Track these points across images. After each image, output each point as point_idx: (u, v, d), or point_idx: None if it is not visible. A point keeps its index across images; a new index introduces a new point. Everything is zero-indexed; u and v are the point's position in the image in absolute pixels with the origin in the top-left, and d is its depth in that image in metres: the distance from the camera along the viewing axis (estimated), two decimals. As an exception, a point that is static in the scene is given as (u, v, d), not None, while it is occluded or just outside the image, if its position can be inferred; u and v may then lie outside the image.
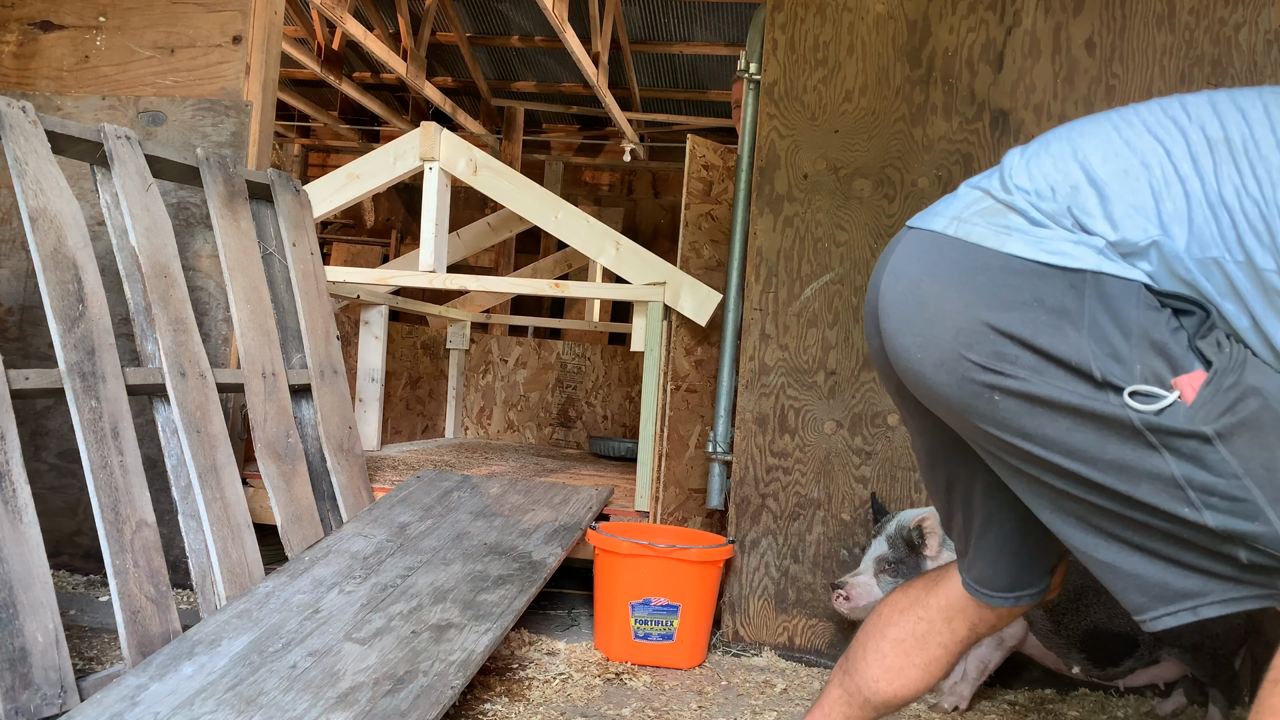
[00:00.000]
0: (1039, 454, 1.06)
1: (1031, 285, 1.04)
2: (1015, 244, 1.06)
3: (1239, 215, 1.00)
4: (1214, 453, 0.99)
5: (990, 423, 1.09)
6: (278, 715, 1.55)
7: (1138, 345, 1.01)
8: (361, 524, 2.33)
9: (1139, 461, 1.01)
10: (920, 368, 1.12)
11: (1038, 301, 1.03)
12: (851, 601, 2.12)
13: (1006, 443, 1.09)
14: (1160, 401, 0.99)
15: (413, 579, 2.08)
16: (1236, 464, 0.99)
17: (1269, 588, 1.02)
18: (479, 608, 1.98)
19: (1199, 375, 1.00)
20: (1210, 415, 0.99)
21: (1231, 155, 1.02)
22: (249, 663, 1.69)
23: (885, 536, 2.16)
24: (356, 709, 1.58)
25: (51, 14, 2.78)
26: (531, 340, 4.80)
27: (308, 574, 2.05)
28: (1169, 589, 1.06)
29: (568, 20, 4.73)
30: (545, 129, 7.87)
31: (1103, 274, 1.02)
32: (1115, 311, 1.01)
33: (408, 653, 1.78)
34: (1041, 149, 1.14)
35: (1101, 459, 1.02)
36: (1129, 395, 1.00)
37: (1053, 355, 1.02)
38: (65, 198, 1.95)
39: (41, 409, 2.68)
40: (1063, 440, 1.04)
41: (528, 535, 2.38)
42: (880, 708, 1.46)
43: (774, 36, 2.48)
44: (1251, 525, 0.98)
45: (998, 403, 1.06)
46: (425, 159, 2.94)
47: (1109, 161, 1.07)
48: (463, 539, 2.32)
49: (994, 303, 1.05)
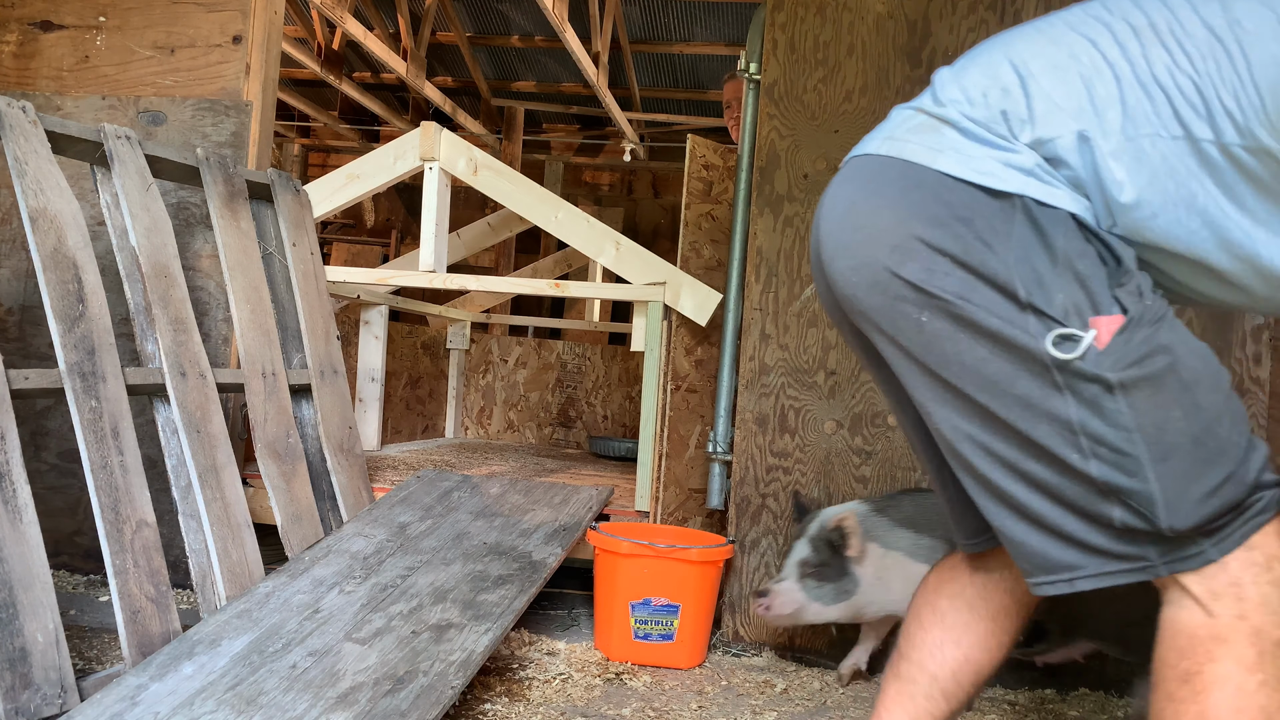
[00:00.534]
0: (955, 384, 1.07)
1: (964, 203, 1.04)
2: (946, 161, 1.06)
3: (1173, 91, 1.01)
4: (1113, 402, 0.99)
5: (917, 348, 1.09)
6: (278, 715, 1.55)
7: (1062, 273, 1.01)
8: (362, 524, 2.33)
9: (1043, 400, 1.01)
10: (855, 291, 1.12)
11: (969, 219, 1.04)
12: (774, 610, 2.04)
13: (929, 373, 1.09)
14: (1077, 347, 1.00)
15: (413, 579, 2.08)
16: (1131, 417, 0.99)
17: (1141, 560, 1.02)
18: (479, 608, 1.98)
19: (1117, 320, 1.00)
20: (1118, 364, 0.99)
21: (1159, 38, 1.03)
22: (249, 663, 1.69)
23: (808, 538, 2.08)
24: (357, 709, 1.58)
25: (51, 14, 2.78)
26: (531, 340, 4.80)
27: (308, 574, 2.05)
28: (1049, 560, 1.07)
29: (568, 20, 4.73)
30: (545, 129, 7.87)
31: (1030, 199, 1.03)
32: (1042, 235, 1.02)
33: (408, 653, 1.77)
34: (969, 61, 1.15)
35: (1010, 393, 1.03)
36: (1049, 341, 1.00)
37: (982, 272, 1.03)
38: (65, 198, 1.95)
39: (41, 409, 2.68)
40: (978, 369, 1.04)
41: (528, 535, 2.38)
42: (952, 683, 1.26)
43: (774, 36, 2.48)
44: (1130, 481, 0.99)
45: (924, 325, 1.06)
46: (425, 159, 2.94)
47: (1037, 59, 1.08)
48: (463, 539, 2.32)
49: (927, 218, 1.05)
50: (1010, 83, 1.08)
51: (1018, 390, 1.03)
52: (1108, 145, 1.02)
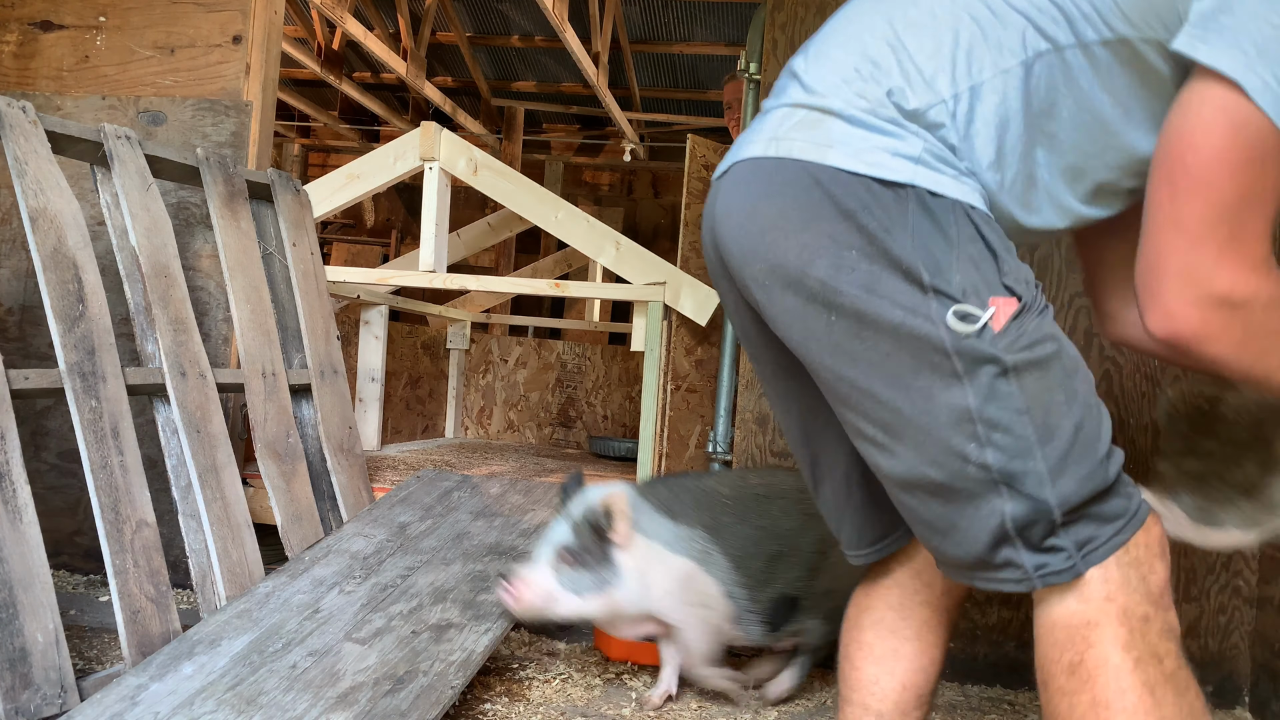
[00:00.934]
0: (860, 384, 1.08)
1: (860, 195, 1.05)
2: (836, 156, 1.07)
3: (1033, 13, 1.05)
4: (1006, 385, 1.03)
5: (826, 350, 1.10)
6: (278, 715, 1.55)
7: (959, 257, 1.04)
8: (361, 524, 2.33)
9: (943, 391, 1.04)
10: (771, 295, 1.12)
11: (869, 209, 1.05)
12: (521, 602, 1.78)
13: (835, 374, 1.10)
14: (975, 323, 1.02)
15: (413, 579, 2.08)
16: (1022, 400, 1.03)
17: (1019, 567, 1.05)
18: (479, 608, 1.98)
19: (1012, 303, 1.04)
20: (1013, 347, 1.03)
21: None
22: (249, 662, 1.69)
23: (569, 520, 1.83)
24: (357, 709, 1.58)
25: (51, 14, 2.78)
26: (531, 340, 4.80)
27: (308, 574, 2.05)
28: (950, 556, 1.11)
29: (568, 20, 4.73)
30: (545, 129, 7.87)
31: (922, 189, 1.05)
32: (936, 222, 1.05)
33: (408, 653, 1.77)
34: (825, 47, 1.16)
35: (913, 386, 1.05)
36: (950, 315, 1.03)
37: (886, 260, 1.04)
38: (65, 198, 1.95)
39: (41, 409, 2.68)
40: (881, 366, 1.06)
41: (528, 535, 2.38)
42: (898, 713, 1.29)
43: (774, 36, 2.48)
44: (1023, 464, 1.02)
45: (833, 324, 1.07)
46: (425, 159, 2.94)
47: (896, 24, 1.10)
48: (463, 539, 2.32)
49: (829, 214, 1.07)
50: (879, 55, 1.09)
51: (920, 383, 1.05)
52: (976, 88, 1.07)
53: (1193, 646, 2.26)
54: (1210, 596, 2.26)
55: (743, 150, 1.17)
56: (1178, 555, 2.25)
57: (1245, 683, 2.24)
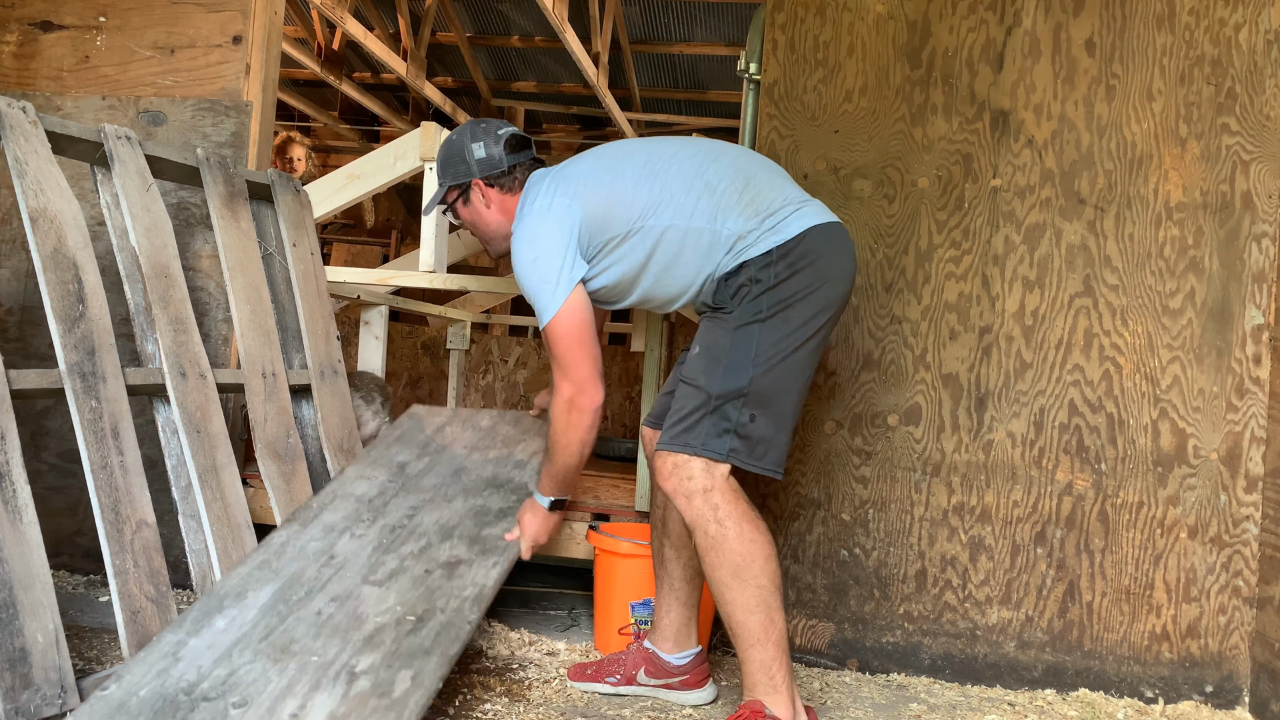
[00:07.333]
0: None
1: None
2: None
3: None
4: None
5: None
6: (313, 661, 1.62)
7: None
8: (362, 466, 2.37)
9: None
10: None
11: None
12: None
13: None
14: None
15: (418, 518, 2.14)
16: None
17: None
18: (484, 542, 2.06)
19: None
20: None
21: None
22: (277, 612, 1.77)
23: None
24: (384, 649, 1.67)
25: (51, 14, 2.78)
26: (531, 340, 4.80)
27: (318, 521, 2.10)
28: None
29: (568, 20, 4.73)
30: (545, 129, 7.87)
31: None
32: None
33: (423, 591, 1.86)
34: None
35: None
36: None
37: None
38: (65, 198, 1.95)
39: (41, 409, 2.68)
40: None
41: (522, 467, 2.42)
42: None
43: (774, 36, 2.48)
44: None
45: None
46: (425, 159, 2.94)
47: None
48: (461, 474, 2.37)
49: None
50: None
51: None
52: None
53: (1193, 646, 2.27)
54: (1210, 596, 2.26)
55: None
56: (1178, 555, 2.26)
57: (1245, 683, 2.25)
